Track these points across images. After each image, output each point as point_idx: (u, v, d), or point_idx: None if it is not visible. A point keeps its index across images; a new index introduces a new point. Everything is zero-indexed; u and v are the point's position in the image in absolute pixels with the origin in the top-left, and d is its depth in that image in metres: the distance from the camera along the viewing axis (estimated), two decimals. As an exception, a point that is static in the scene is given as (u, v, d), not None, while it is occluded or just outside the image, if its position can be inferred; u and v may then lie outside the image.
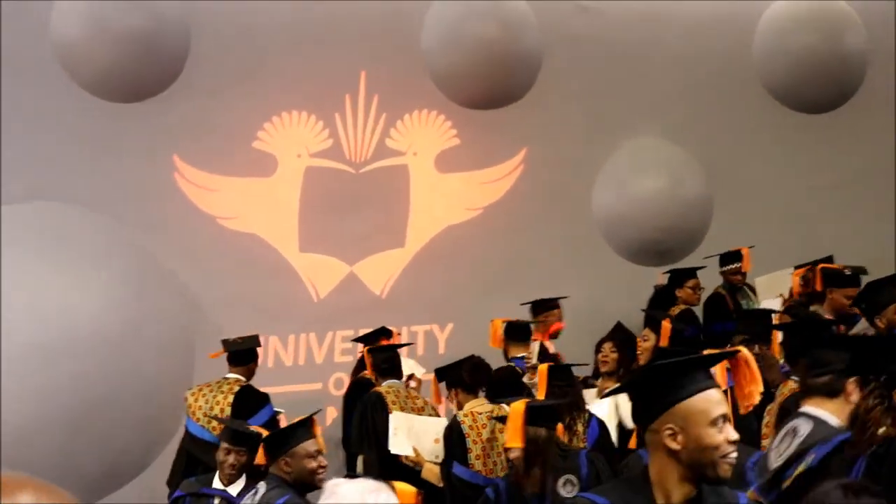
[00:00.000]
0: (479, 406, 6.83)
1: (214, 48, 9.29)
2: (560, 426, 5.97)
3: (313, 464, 5.28)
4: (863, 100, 11.25)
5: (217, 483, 6.41)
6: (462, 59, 9.96)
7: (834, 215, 10.99)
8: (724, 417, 2.92)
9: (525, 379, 7.86)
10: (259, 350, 8.11)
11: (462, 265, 10.13)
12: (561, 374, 6.72)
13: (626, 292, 10.32)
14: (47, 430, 8.52)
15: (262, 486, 5.32)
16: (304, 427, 5.40)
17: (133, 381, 8.85)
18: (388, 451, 7.01)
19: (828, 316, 7.62)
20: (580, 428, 6.55)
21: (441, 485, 6.66)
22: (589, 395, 7.65)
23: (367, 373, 8.03)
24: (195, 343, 9.02)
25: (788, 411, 5.24)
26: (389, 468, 6.86)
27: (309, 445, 5.30)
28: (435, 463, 6.82)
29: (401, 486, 4.15)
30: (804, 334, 5.41)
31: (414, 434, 6.96)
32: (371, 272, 10.07)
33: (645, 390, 2.99)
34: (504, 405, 6.38)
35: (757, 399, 4.46)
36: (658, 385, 2.95)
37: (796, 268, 8.94)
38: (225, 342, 7.78)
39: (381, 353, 7.88)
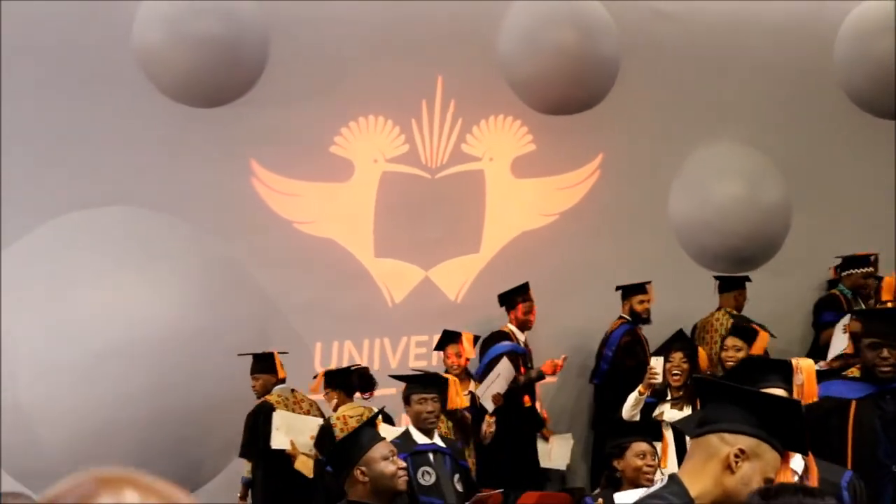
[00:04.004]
0: (350, 410, 7.74)
1: (293, 54, 9.31)
2: None
3: (392, 467, 4.79)
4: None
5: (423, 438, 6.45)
6: (539, 64, 9.90)
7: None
8: (771, 482, 2.90)
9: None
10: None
11: (537, 271, 10.06)
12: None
13: (704, 299, 10.25)
14: (123, 434, 8.58)
15: None
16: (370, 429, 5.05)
17: (209, 386, 8.89)
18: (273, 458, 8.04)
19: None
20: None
21: (311, 476, 7.59)
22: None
23: None
24: (270, 347, 9.03)
25: None
26: (274, 474, 8.14)
27: (381, 448, 4.85)
28: (308, 455, 7.68)
29: None
30: None
31: (293, 430, 7.85)
32: (446, 277, 10.04)
33: (760, 408, 2.91)
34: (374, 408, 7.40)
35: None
36: (770, 414, 2.90)
37: None
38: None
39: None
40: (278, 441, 7.90)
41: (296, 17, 9.34)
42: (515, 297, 9.62)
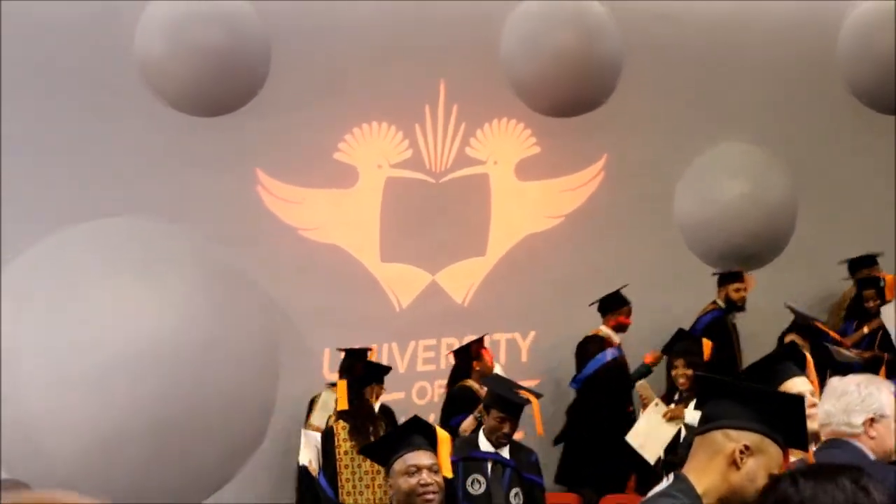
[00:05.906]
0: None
1: (295, 61, 9.32)
2: None
3: (410, 481, 4.28)
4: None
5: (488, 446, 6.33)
6: (542, 67, 9.91)
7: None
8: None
9: None
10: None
11: (543, 273, 10.08)
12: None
13: (710, 298, 10.24)
14: (130, 444, 8.57)
15: None
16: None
17: (216, 394, 8.88)
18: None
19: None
20: None
21: None
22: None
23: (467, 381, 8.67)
24: (278, 355, 9.04)
25: None
26: None
27: (409, 459, 4.32)
28: None
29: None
30: None
31: None
32: (453, 281, 10.04)
33: (763, 404, 2.93)
34: None
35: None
36: (773, 410, 2.92)
37: None
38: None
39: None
40: None
41: (298, 23, 9.35)
42: (617, 302, 9.60)
